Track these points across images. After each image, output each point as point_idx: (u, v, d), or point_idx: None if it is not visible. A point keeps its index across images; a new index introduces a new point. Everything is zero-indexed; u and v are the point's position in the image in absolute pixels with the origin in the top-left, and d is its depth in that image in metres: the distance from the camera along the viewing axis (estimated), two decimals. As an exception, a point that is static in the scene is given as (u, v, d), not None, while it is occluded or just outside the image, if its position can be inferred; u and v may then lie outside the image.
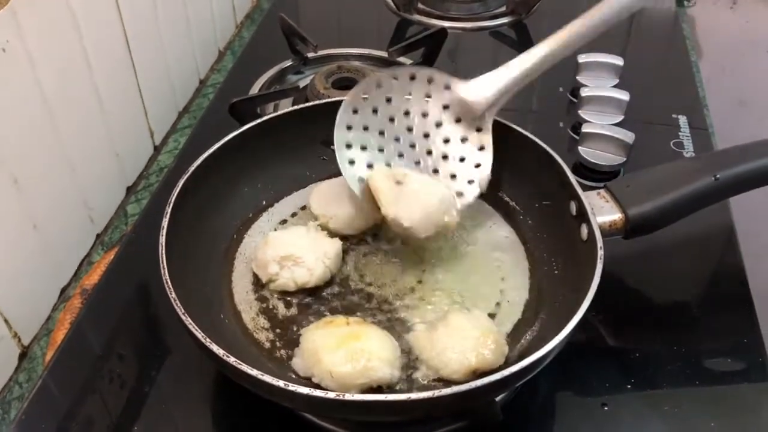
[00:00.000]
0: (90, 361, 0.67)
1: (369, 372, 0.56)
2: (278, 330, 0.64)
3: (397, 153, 0.70)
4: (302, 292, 0.67)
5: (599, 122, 0.91)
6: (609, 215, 0.64)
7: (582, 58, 1.00)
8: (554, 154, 0.68)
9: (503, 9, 1.24)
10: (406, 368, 0.60)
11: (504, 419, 0.57)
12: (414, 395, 0.49)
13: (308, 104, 0.77)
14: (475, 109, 0.69)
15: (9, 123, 0.69)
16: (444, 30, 1.07)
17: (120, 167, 0.91)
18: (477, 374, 0.56)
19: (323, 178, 0.77)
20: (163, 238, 0.60)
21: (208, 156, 0.69)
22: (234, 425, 0.63)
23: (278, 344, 0.63)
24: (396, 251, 0.71)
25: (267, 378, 0.50)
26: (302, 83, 1.03)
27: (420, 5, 1.25)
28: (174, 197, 0.64)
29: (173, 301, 0.55)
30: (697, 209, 0.67)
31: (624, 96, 0.93)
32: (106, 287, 0.74)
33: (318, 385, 0.57)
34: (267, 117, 0.74)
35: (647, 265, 0.75)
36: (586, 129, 0.88)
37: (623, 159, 0.86)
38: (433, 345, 0.59)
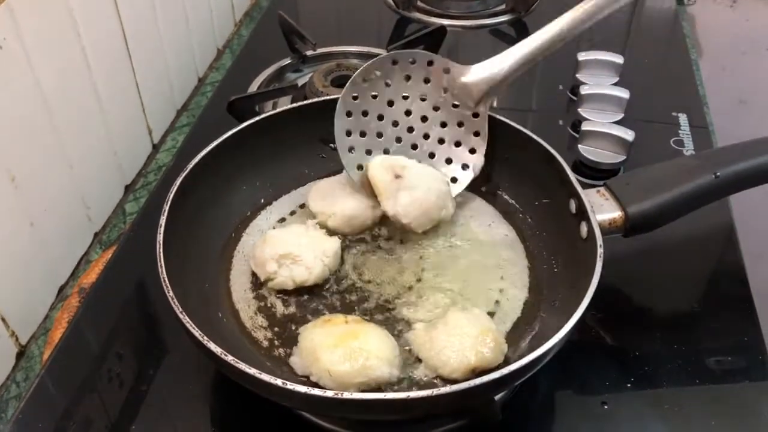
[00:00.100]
0: (88, 361, 0.67)
1: (367, 371, 0.55)
2: (276, 328, 0.64)
3: (395, 137, 0.71)
4: (301, 291, 0.66)
5: (599, 120, 0.90)
6: (609, 213, 0.64)
7: (582, 56, 1.00)
8: (554, 152, 0.68)
9: (503, 7, 1.24)
10: (405, 367, 0.59)
11: (503, 418, 0.57)
12: (413, 394, 0.49)
13: (307, 102, 0.77)
14: (474, 94, 0.69)
15: (6, 121, 0.69)
16: (443, 28, 1.07)
17: (118, 165, 0.91)
18: (476, 373, 0.56)
19: (322, 176, 0.77)
20: (161, 237, 0.60)
21: (207, 154, 0.69)
22: (232, 424, 0.62)
23: (276, 343, 0.62)
24: (395, 249, 0.71)
25: (265, 376, 0.49)
26: (301, 81, 1.03)
27: (419, 3, 1.25)
28: (172, 195, 0.64)
29: (171, 300, 0.55)
30: (697, 207, 0.67)
31: (624, 94, 0.93)
32: (104, 286, 0.73)
33: (316, 384, 0.56)
34: (265, 115, 0.74)
35: (647, 264, 0.75)
36: (586, 127, 0.88)
37: (623, 157, 0.85)
38: (432, 344, 0.59)
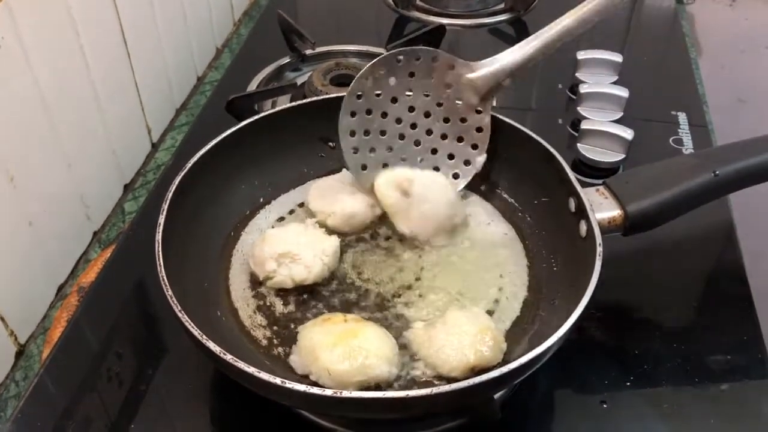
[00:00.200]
0: (87, 360, 0.66)
1: (367, 369, 0.55)
2: (275, 327, 0.64)
3: (398, 134, 0.71)
4: (300, 290, 0.66)
5: (598, 119, 0.90)
6: (608, 212, 0.64)
7: (581, 55, 1.00)
8: (553, 151, 0.68)
9: (502, 6, 1.24)
10: (404, 366, 0.59)
11: (502, 417, 0.57)
12: (412, 392, 0.49)
13: (306, 101, 0.77)
14: (478, 90, 0.69)
15: (5, 120, 0.69)
16: (442, 27, 1.07)
17: (117, 165, 0.91)
18: (475, 371, 0.56)
19: (321, 175, 0.77)
20: (160, 236, 0.60)
21: (205, 153, 0.69)
22: (231, 423, 0.62)
23: (275, 342, 0.62)
24: (394, 248, 0.71)
25: (264, 375, 0.49)
26: (300, 80, 1.03)
27: (418, 2, 1.25)
28: (171, 195, 0.63)
29: (170, 299, 0.55)
30: (697, 206, 0.67)
31: (623, 93, 0.93)
32: (103, 285, 0.73)
33: (315, 383, 0.56)
34: (264, 114, 0.74)
35: (647, 262, 0.75)
36: (585, 126, 0.88)
37: (622, 156, 0.85)
38: (432, 342, 0.59)
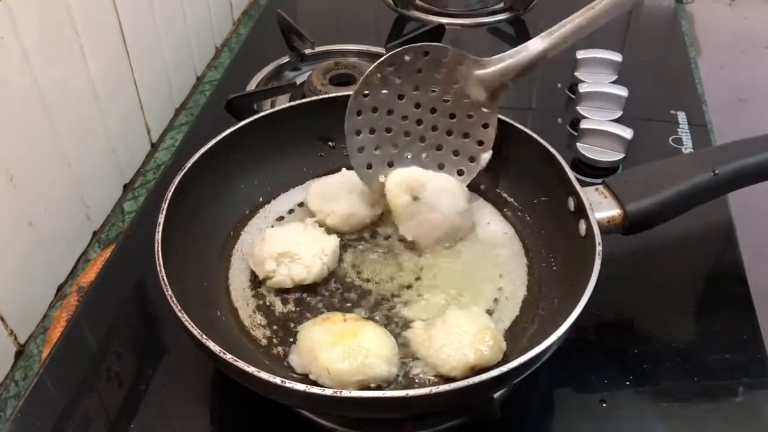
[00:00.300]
0: (86, 359, 0.67)
1: (366, 369, 0.55)
2: (275, 327, 0.64)
3: (404, 131, 0.70)
4: (299, 289, 0.66)
5: (598, 118, 0.90)
6: (607, 211, 0.64)
7: (580, 54, 1.00)
8: (553, 150, 0.68)
9: (501, 5, 1.24)
10: (404, 365, 0.59)
11: (502, 416, 0.57)
12: (411, 392, 0.49)
13: (305, 100, 0.77)
14: (486, 87, 0.69)
15: (4, 120, 0.69)
16: (442, 26, 1.07)
17: (117, 164, 0.91)
18: (475, 371, 0.56)
19: (320, 175, 0.77)
20: (160, 235, 0.60)
21: (205, 152, 0.69)
22: (231, 422, 0.62)
23: (275, 341, 0.62)
24: (394, 248, 0.71)
25: (263, 375, 0.49)
26: (299, 80, 1.03)
27: (418, 1, 1.25)
28: (170, 194, 0.64)
29: (169, 299, 0.55)
30: (696, 205, 0.67)
31: (622, 92, 0.93)
32: (103, 285, 0.73)
33: (315, 382, 0.56)
34: (264, 113, 0.74)
35: (646, 262, 0.75)
36: (585, 125, 0.88)
37: (622, 155, 0.85)
38: (431, 342, 0.59)
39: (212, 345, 0.51)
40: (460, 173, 0.72)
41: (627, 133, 0.85)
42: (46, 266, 0.78)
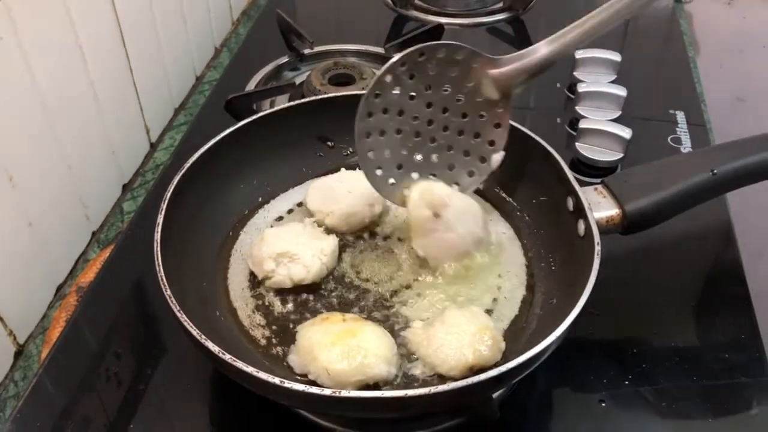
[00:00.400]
0: (86, 360, 0.67)
1: (365, 369, 0.55)
2: (274, 327, 0.64)
3: (415, 132, 0.68)
4: (298, 289, 0.66)
5: (596, 118, 0.91)
6: (606, 211, 0.64)
7: (579, 54, 1.00)
8: (551, 150, 0.68)
9: (500, 5, 1.24)
10: (403, 365, 0.59)
11: (501, 416, 0.57)
12: (410, 392, 0.49)
13: (304, 100, 0.77)
14: (500, 86, 0.67)
15: (4, 120, 0.69)
16: (441, 26, 1.07)
17: (116, 164, 0.91)
18: (474, 371, 0.56)
19: (320, 175, 0.77)
20: (158, 235, 0.60)
21: (204, 152, 0.69)
22: (230, 422, 0.62)
23: (274, 341, 0.62)
24: (393, 247, 0.71)
25: (262, 375, 0.49)
26: (299, 80, 1.03)
27: (417, 1, 1.25)
28: (169, 194, 0.64)
29: (168, 299, 0.55)
30: (695, 204, 0.67)
31: (621, 92, 0.93)
32: (102, 285, 0.73)
33: (314, 382, 0.56)
34: (263, 113, 0.74)
35: (645, 261, 0.75)
36: (584, 125, 0.88)
37: (621, 155, 0.85)
38: (430, 341, 0.59)
39: (211, 345, 0.52)
40: (471, 174, 0.70)
41: (626, 133, 0.86)
42: (46, 266, 0.78)
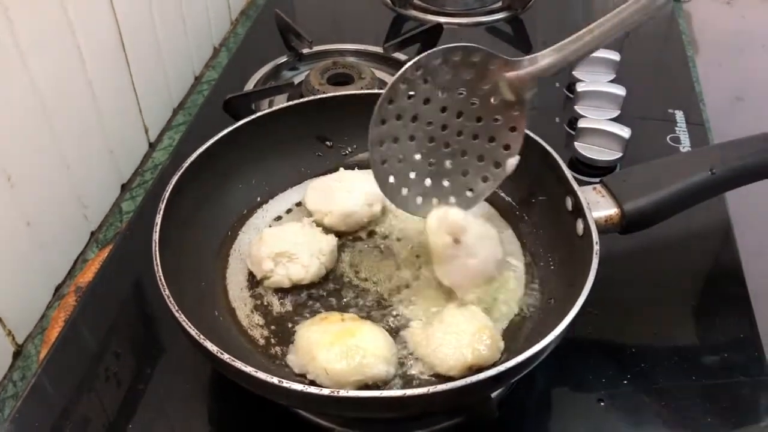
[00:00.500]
0: (84, 359, 0.66)
1: (364, 369, 0.55)
2: (273, 327, 0.64)
3: (428, 137, 0.66)
4: (297, 289, 0.66)
5: (595, 117, 0.90)
6: (605, 210, 0.64)
7: (578, 54, 1.00)
8: (550, 150, 0.68)
9: (499, 4, 1.24)
10: (402, 365, 0.59)
11: (500, 415, 0.57)
12: (409, 391, 0.49)
13: (303, 100, 0.77)
14: (516, 89, 0.65)
15: (2, 121, 0.69)
16: (440, 26, 1.07)
17: (115, 164, 0.91)
18: (473, 370, 0.56)
19: (318, 174, 0.77)
20: (157, 235, 0.60)
21: (203, 152, 0.69)
22: (229, 422, 0.62)
23: (273, 341, 0.62)
24: (391, 247, 0.71)
25: (261, 375, 0.49)
26: (297, 79, 1.03)
27: (416, 1, 1.25)
28: (167, 194, 0.64)
29: (167, 299, 0.55)
30: (694, 204, 0.67)
31: (620, 91, 0.93)
32: (101, 285, 0.73)
33: (313, 382, 0.56)
34: (262, 113, 0.74)
35: (644, 261, 0.75)
36: (582, 124, 0.88)
37: (619, 154, 0.85)
38: (429, 341, 0.59)
39: (210, 345, 0.51)
40: (485, 180, 0.68)
41: (625, 132, 0.86)
42: (44, 266, 0.78)
